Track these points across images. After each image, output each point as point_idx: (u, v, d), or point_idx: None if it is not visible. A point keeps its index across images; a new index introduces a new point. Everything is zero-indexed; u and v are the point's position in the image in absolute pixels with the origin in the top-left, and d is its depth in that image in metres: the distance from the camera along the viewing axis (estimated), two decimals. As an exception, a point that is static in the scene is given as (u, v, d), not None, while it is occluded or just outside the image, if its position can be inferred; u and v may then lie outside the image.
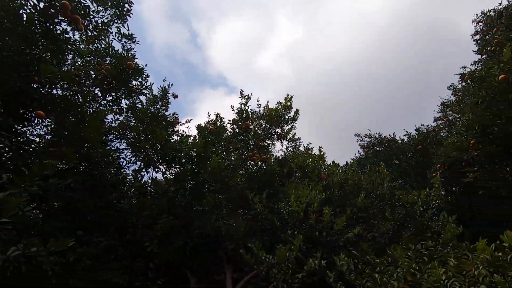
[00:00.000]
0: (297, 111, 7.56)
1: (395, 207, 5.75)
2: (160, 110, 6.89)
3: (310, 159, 7.55)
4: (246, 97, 7.29)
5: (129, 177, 6.27)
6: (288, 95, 7.48)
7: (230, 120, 7.52)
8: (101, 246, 4.60)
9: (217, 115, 7.55)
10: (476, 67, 8.36)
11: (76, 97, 5.34)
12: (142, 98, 6.58)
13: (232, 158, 7.52)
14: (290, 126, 7.72)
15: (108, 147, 6.11)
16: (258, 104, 7.56)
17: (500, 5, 7.95)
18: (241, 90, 7.23)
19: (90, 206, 4.94)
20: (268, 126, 7.62)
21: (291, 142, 8.57)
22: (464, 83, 9.05)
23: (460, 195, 8.34)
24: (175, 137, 6.94)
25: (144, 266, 4.86)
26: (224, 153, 7.51)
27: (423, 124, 11.02)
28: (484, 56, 8.32)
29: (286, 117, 7.58)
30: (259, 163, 7.32)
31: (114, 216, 5.24)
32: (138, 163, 6.57)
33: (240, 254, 4.72)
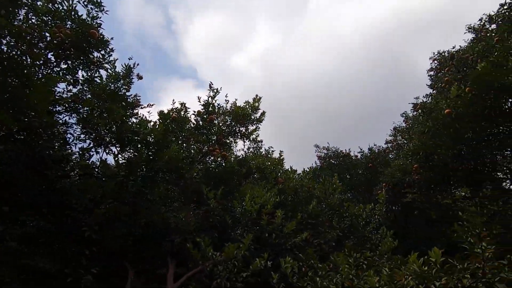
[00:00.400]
0: (263, 113, 7.63)
1: (342, 217, 6.08)
2: (121, 89, 6.43)
3: (269, 162, 7.65)
4: (215, 90, 7.16)
5: (75, 156, 5.73)
6: (257, 96, 7.52)
7: (195, 111, 7.32)
8: (30, 227, 4.11)
9: (182, 104, 7.29)
10: (427, 100, 9.25)
11: (23, 57, 4.75)
12: (103, 72, 6.08)
13: (192, 151, 7.31)
14: (254, 127, 7.76)
15: (55, 119, 5.53)
16: (226, 100, 7.49)
17: (453, 48, 8.92)
18: (211, 82, 7.10)
19: (23, 180, 4.39)
20: (233, 123, 7.56)
21: (253, 143, 8.61)
22: (415, 113, 9.95)
23: (399, 213, 9.11)
24: (134, 120, 6.53)
25: (78, 252, 4.45)
26: (184, 144, 7.27)
27: (375, 144, 11.89)
28: (435, 91, 9.24)
29: (252, 117, 7.61)
30: (219, 159, 7.22)
31: (51, 195, 4.72)
32: (88, 141, 6.03)
33: (186, 249, 4.58)
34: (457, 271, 3.16)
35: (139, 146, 6.02)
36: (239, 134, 7.72)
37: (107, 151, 6.16)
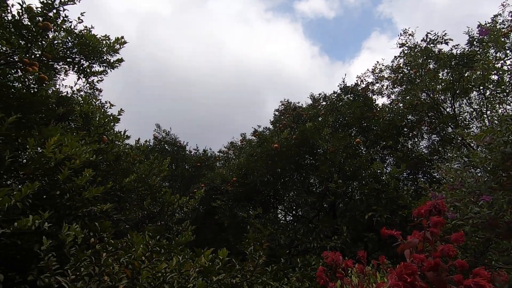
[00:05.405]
0: (120, 60, 6.33)
1: (155, 200, 5.81)
2: None
3: (100, 115, 6.36)
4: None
5: None
6: (122, 37, 6.16)
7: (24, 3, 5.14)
8: None
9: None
10: (265, 131, 10.94)
11: None
12: None
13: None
14: (102, 69, 6.34)
15: None
16: (79, 19, 5.74)
17: (298, 103, 11.20)
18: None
19: None
20: (74, 49, 5.86)
21: (89, 87, 6.99)
22: (253, 137, 11.49)
23: (204, 213, 9.87)
24: None
25: None
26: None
27: (210, 149, 12.64)
28: (273, 127, 11.10)
29: (104, 57, 6.19)
30: (31, 79, 5.29)
31: None
32: None
33: None
34: (234, 270, 3.65)
35: None
36: (76, 66, 6.05)
37: None
